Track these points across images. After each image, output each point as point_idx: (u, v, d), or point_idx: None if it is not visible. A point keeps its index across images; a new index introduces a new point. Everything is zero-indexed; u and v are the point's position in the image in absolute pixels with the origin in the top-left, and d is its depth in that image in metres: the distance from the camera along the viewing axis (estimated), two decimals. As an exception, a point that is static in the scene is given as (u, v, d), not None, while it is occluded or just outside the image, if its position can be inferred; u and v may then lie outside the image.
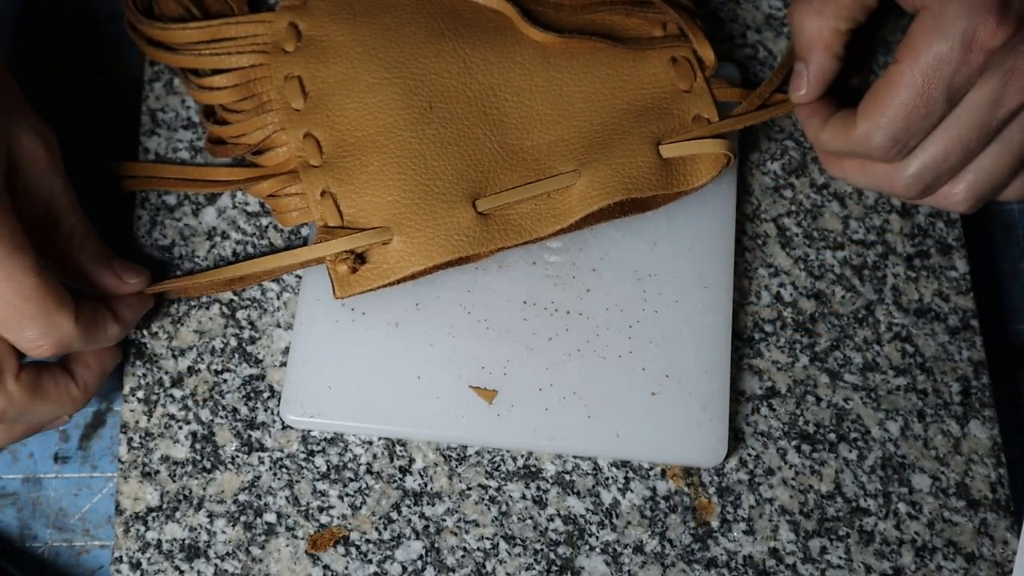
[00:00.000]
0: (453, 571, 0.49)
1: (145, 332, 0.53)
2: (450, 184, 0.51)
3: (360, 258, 0.50)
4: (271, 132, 0.53)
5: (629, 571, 0.49)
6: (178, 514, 0.50)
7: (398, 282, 0.51)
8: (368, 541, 0.50)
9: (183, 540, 0.49)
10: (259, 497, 0.50)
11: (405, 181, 0.51)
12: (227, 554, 0.49)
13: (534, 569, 0.49)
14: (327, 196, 0.51)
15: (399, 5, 0.55)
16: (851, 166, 0.52)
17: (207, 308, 0.53)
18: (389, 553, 0.49)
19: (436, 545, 0.50)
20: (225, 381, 0.52)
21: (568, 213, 0.51)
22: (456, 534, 0.50)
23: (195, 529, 0.49)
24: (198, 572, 0.49)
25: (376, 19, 0.54)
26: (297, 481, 0.50)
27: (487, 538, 0.50)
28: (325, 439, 0.51)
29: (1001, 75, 0.46)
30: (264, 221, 0.55)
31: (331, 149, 0.52)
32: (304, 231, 0.55)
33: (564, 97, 0.53)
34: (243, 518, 0.50)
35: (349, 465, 0.51)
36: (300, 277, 0.54)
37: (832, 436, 0.52)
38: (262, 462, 0.51)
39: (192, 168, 0.54)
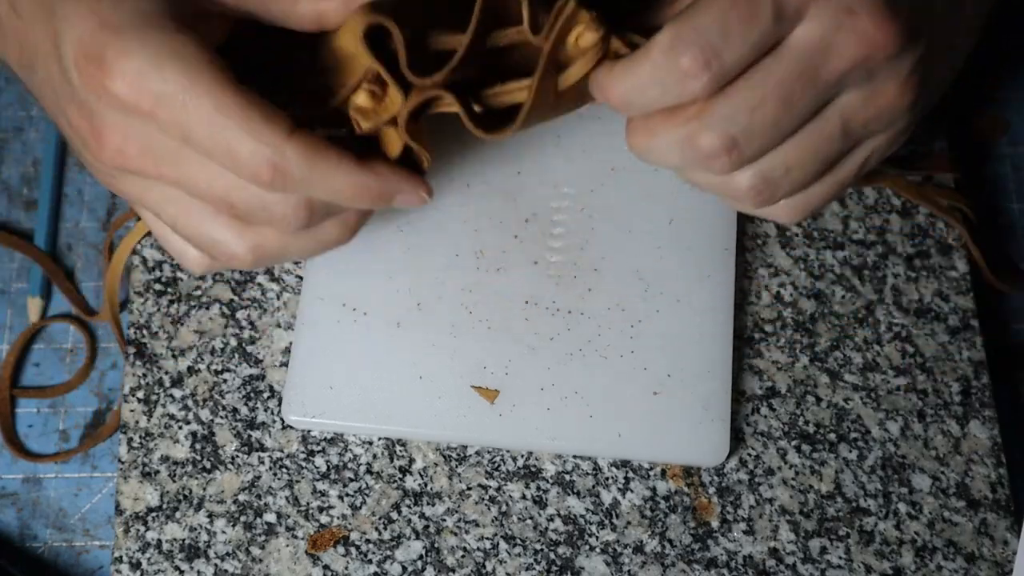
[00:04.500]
0: (453, 571, 0.49)
1: (145, 332, 0.52)
2: None
3: None
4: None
5: (629, 571, 0.49)
6: (178, 514, 0.50)
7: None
8: (368, 541, 0.49)
9: (183, 540, 0.49)
10: (259, 497, 0.50)
11: None
12: (227, 554, 0.49)
13: (534, 569, 0.49)
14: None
15: None
16: (656, 120, 0.40)
17: (207, 308, 0.53)
18: (389, 553, 0.49)
19: (436, 545, 0.50)
20: (225, 381, 0.52)
21: None
22: (456, 534, 0.50)
23: (195, 529, 0.49)
24: (198, 572, 0.49)
25: None
26: (297, 481, 0.50)
27: (487, 538, 0.50)
28: (325, 439, 0.51)
29: (833, 15, 0.37)
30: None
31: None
32: None
33: None
34: (243, 518, 0.50)
35: (349, 465, 0.51)
36: (301, 278, 0.53)
37: (832, 436, 0.52)
38: (262, 462, 0.51)
39: None
